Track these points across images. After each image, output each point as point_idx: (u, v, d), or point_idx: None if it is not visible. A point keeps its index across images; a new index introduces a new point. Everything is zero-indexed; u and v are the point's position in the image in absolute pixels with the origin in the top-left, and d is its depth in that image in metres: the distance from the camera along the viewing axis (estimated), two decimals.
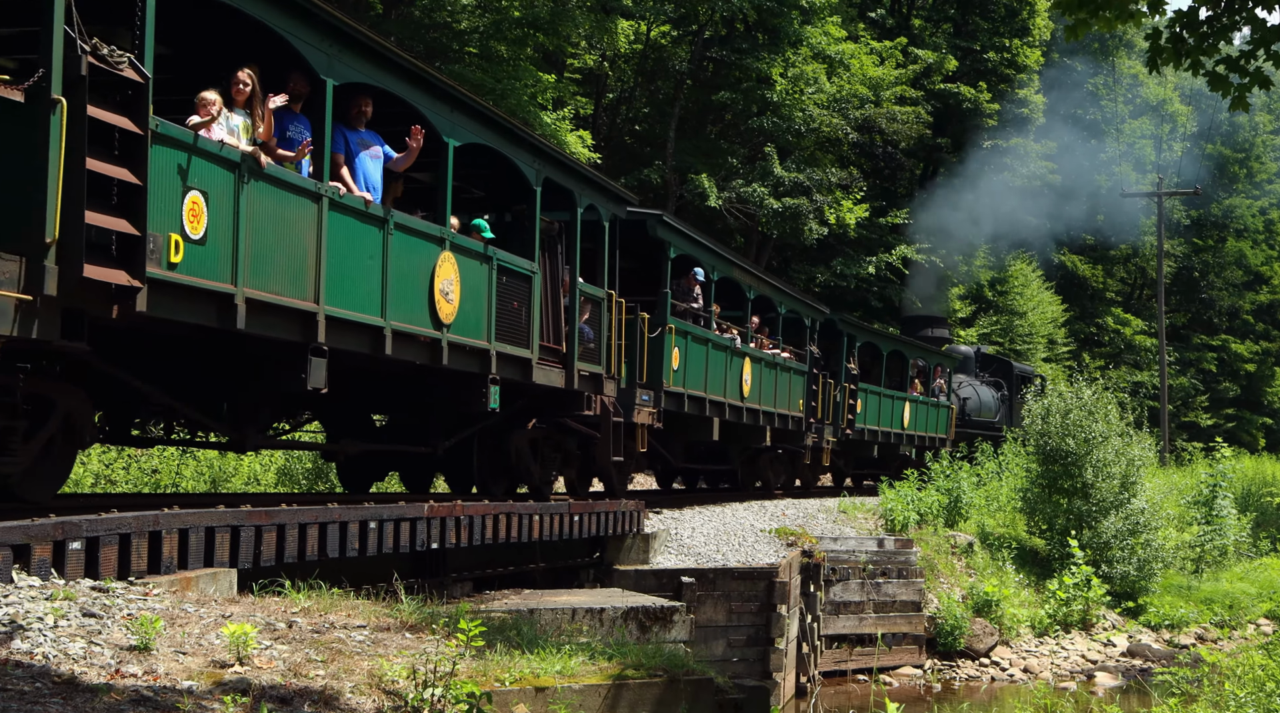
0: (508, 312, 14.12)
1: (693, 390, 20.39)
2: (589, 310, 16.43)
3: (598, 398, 16.30)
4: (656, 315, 19.08)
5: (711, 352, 21.33)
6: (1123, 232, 66.61)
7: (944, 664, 21.65)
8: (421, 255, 12.51)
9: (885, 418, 31.94)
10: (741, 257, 23.76)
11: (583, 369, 15.94)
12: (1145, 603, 24.96)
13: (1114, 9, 8.25)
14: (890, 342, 33.35)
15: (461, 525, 12.86)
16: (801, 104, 37.02)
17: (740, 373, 22.79)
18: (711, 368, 21.32)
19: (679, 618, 13.76)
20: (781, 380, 25.35)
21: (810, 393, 27.07)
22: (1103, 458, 25.32)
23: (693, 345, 20.41)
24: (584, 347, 16.03)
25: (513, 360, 14.28)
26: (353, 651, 7.76)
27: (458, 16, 30.54)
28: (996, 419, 39.83)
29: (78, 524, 8.19)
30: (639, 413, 17.99)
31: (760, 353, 24.02)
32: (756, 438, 24.73)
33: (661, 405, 18.90)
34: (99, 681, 6.28)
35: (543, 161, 15.09)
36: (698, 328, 20.75)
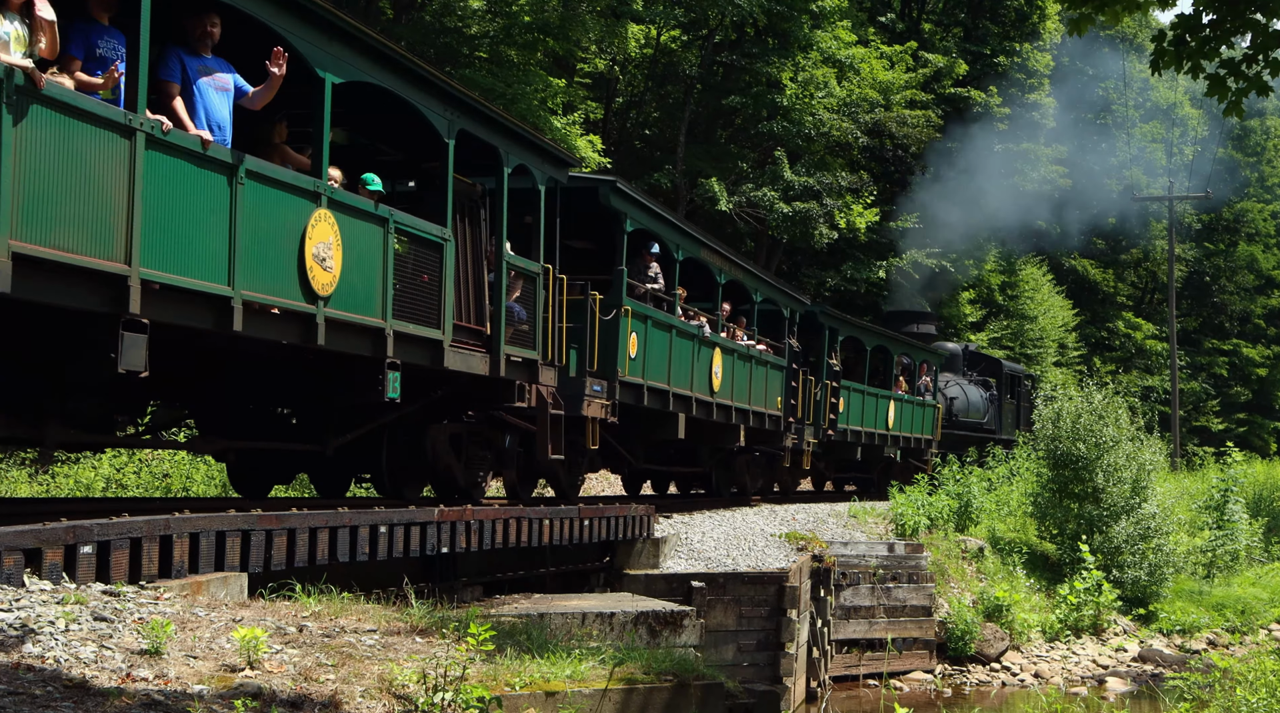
0: (413, 285, 12.16)
1: (654, 382, 18.43)
2: (521, 287, 14.54)
3: (533, 387, 14.38)
4: (610, 296, 16.99)
5: (676, 339, 19.27)
6: (1134, 236, 66.52)
7: (954, 669, 21.61)
8: (287, 213, 10.37)
9: (869, 418, 30.02)
10: (711, 236, 21.64)
11: (513, 354, 14.04)
12: (1157, 608, 24.90)
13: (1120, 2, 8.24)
14: (875, 336, 31.35)
15: (472, 530, 12.86)
16: (811, 108, 37.02)
17: (710, 365, 20.83)
18: (676, 358, 19.29)
19: (689, 623, 13.75)
20: (757, 375, 23.41)
21: (789, 390, 25.12)
22: (1114, 463, 25.27)
23: (654, 331, 18.35)
24: (514, 329, 14.11)
25: (418, 342, 12.31)
26: (363, 655, 7.76)
27: (468, 21, 30.61)
28: (985, 420, 38.32)
29: (89, 528, 8.20)
30: (589, 405, 15.99)
31: (733, 344, 22.14)
32: (729, 438, 22.42)
33: (616, 397, 16.85)
34: (110, 684, 6.29)
35: (456, 111, 12.95)
36: (660, 312, 18.69)
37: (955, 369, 38.08)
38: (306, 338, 10.74)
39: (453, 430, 14.38)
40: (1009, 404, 39.77)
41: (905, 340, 33.48)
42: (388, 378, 11.73)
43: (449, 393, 13.75)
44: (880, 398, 30.53)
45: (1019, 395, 40.74)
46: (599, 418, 16.42)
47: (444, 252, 12.72)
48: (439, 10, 30.93)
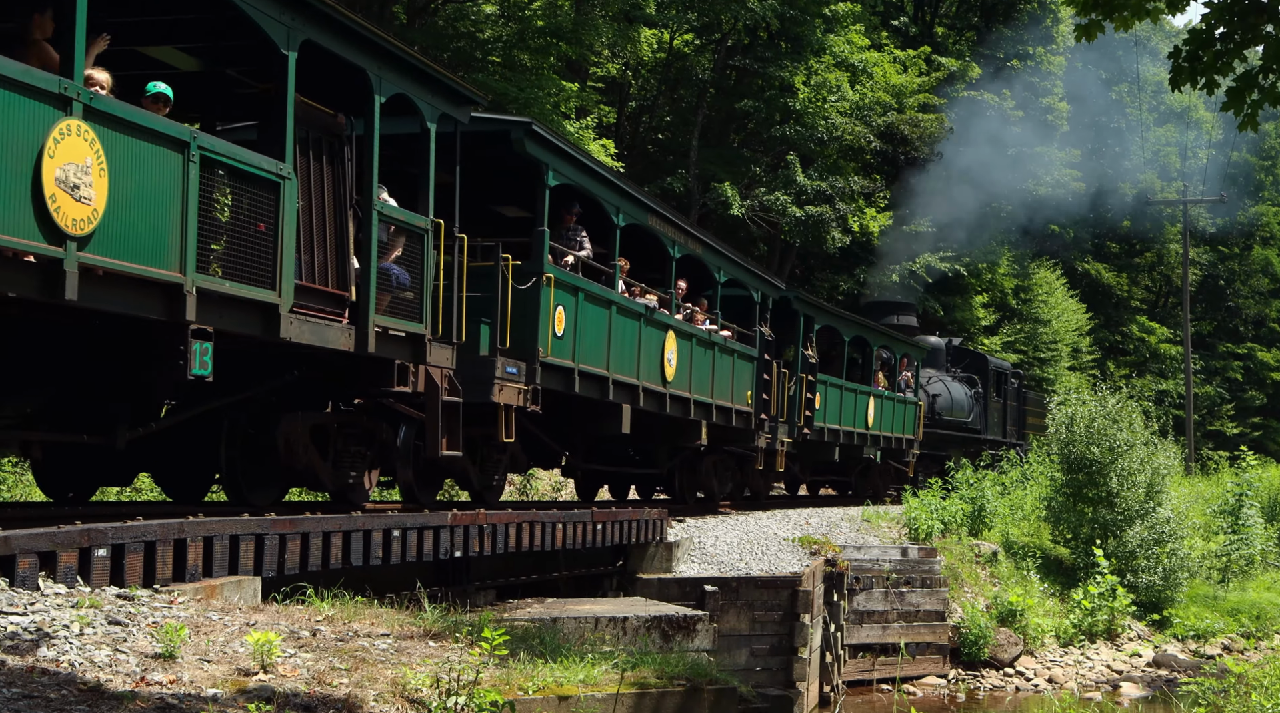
0: (235, 233, 9.65)
1: (588, 366, 15.78)
2: (403, 247, 12.04)
3: (420, 369, 12.03)
4: (529, 262, 14.36)
5: (617, 318, 16.60)
6: (1148, 239, 66.38)
7: (968, 674, 21.56)
8: (14, 121, 7.81)
9: (848, 416, 27.58)
10: (662, 203, 19.15)
11: (389, 327, 11.68)
12: (1171, 613, 24.82)
13: (1130, 8, 8.22)
14: (853, 327, 28.86)
15: (485, 534, 12.86)
16: (824, 112, 37.00)
17: (660, 350, 18.16)
18: (617, 339, 16.61)
19: (702, 627, 13.74)
20: (722, 365, 20.77)
21: (761, 384, 22.44)
22: (1128, 467, 25.20)
23: (587, 307, 15.72)
24: (392, 296, 11.74)
25: (241, 306, 9.82)
26: (376, 659, 7.77)
27: (481, 26, 30.65)
28: (970, 419, 35.99)
29: (103, 532, 8.22)
30: (500, 390, 13.47)
31: (691, 327, 19.50)
32: (689, 436, 19.81)
33: (537, 382, 14.35)
34: (124, 688, 6.30)
35: (301, 17, 10.36)
36: (595, 285, 16.08)
37: (938, 364, 35.96)
38: (47, 291, 8.17)
39: (316, 421, 12.09)
40: (995, 403, 38.04)
41: (886, 332, 31.17)
42: (192, 350, 9.19)
43: (309, 375, 11.67)
44: (859, 394, 28.39)
45: (1005, 393, 39.09)
46: (515, 406, 13.86)
47: (281, 193, 10.11)
48: (452, 15, 30.99)
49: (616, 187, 16.69)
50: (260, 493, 11.87)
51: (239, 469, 11.60)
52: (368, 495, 13.08)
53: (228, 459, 11.52)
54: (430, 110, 12.39)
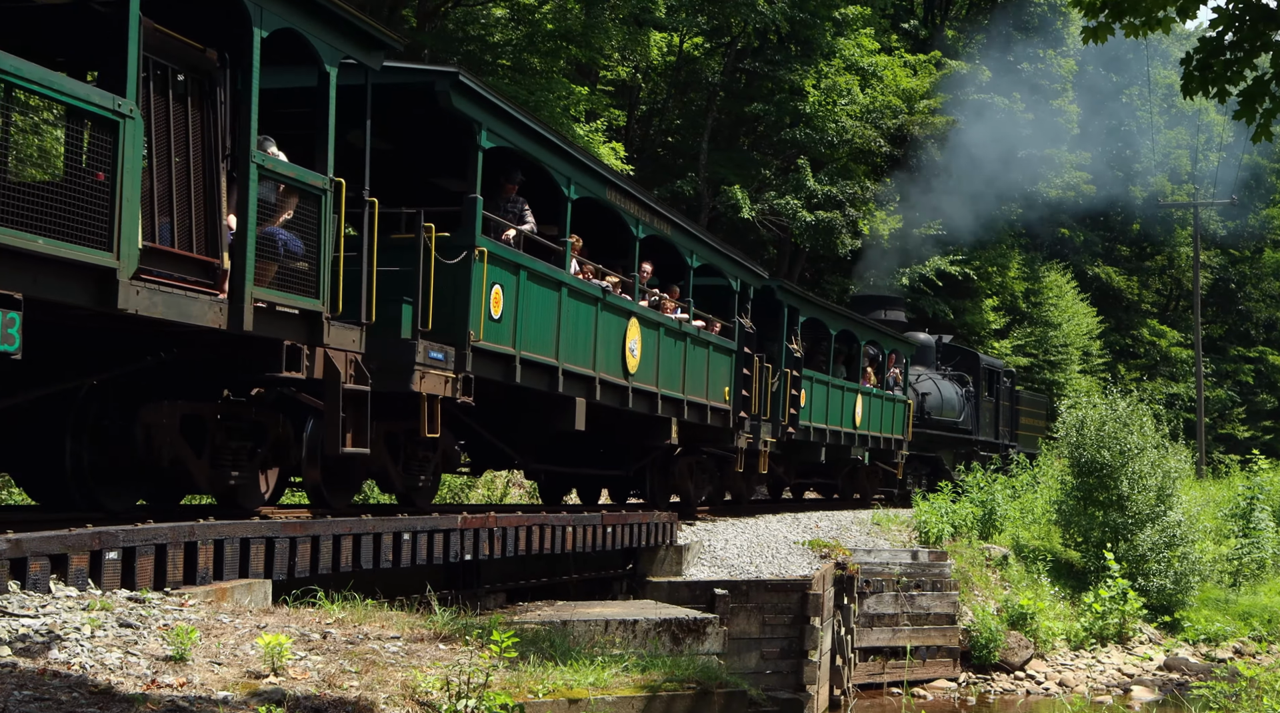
0: (69, 183, 8.08)
1: (532, 353, 14.02)
2: (294, 208, 10.24)
3: (317, 352, 10.42)
4: (459, 234, 12.68)
5: (568, 301, 14.83)
6: (1158, 242, 66.24)
7: (979, 678, 21.53)
8: None
9: (835, 414, 25.92)
10: (623, 176, 17.48)
11: (276, 302, 9.87)
12: (1182, 617, 24.76)
13: (1140, 14, 8.20)
14: (841, 320, 27.19)
15: (495, 537, 12.88)
16: (834, 116, 36.98)
17: (621, 338, 16.39)
18: (568, 325, 14.87)
19: (712, 630, 13.73)
20: (695, 358, 19.02)
21: (741, 379, 20.70)
22: (1138, 470, 25.15)
23: (531, 287, 13.99)
24: (280, 266, 10.01)
25: (63, 268, 8.04)
26: (386, 662, 7.77)
27: (491, 29, 30.68)
28: (960, 419, 34.37)
29: (114, 535, 8.24)
30: (422, 378, 11.93)
31: (657, 315, 17.69)
32: (657, 434, 18.15)
33: (468, 369, 12.68)
34: (135, 691, 6.31)
35: None
36: (541, 263, 14.30)
37: (927, 362, 34.54)
38: None
39: (188, 411, 10.43)
40: (987, 402, 36.43)
41: (875, 326, 29.64)
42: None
43: (183, 357, 10.03)
44: (847, 392, 26.78)
45: (998, 393, 37.45)
46: (441, 397, 12.23)
47: (120, 136, 8.34)
48: (462, 18, 31.01)
49: (568, 154, 14.74)
50: (116, 495, 10.18)
51: (86, 466, 9.85)
52: (262, 498, 11.44)
53: (73, 453, 9.75)
54: (329, 52, 10.56)
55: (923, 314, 43.91)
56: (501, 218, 13.89)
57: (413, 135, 14.26)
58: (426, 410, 12.05)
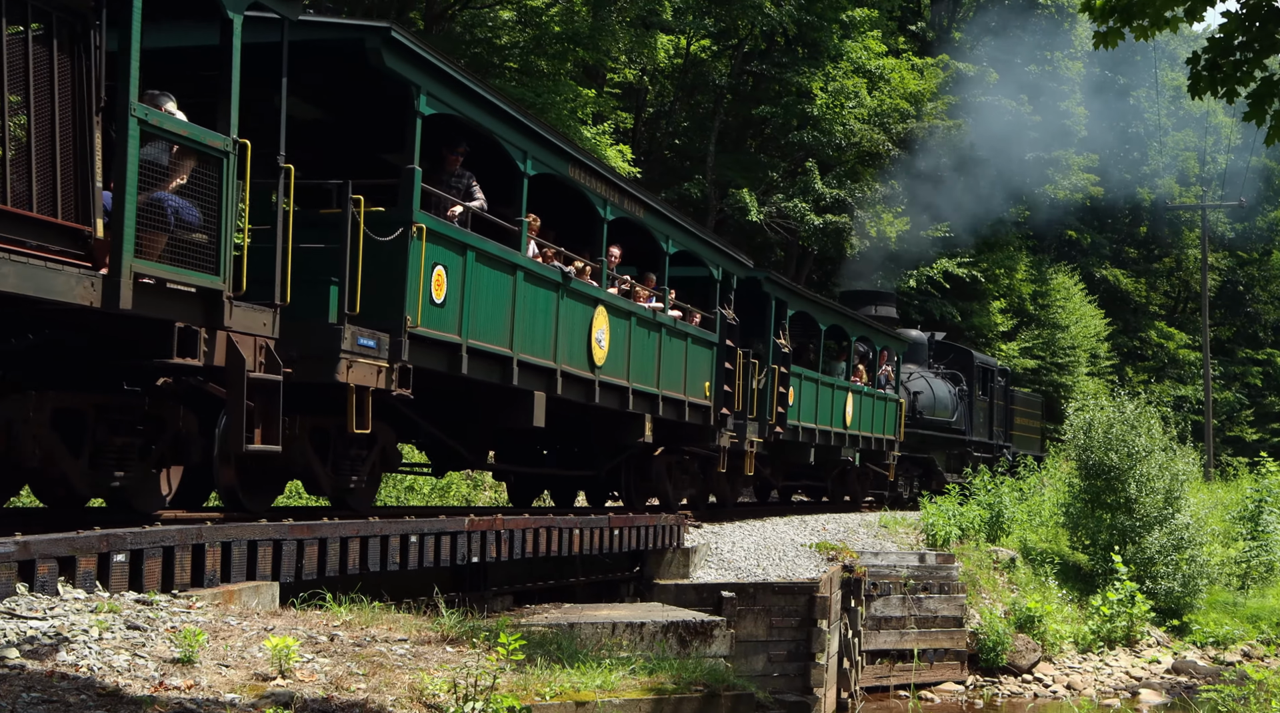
0: None
1: (481, 342, 12.76)
2: (189, 172, 8.97)
3: (217, 336, 9.21)
4: (395, 209, 11.46)
5: (524, 286, 13.59)
6: (1166, 245, 66.17)
7: (986, 680, 21.51)
8: None
9: (824, 413, 24.72)
10: (588, 152, 15.81)
11: (166, 277, 8.61)
12: (1190, 620, 24.73)
13: (1149, 17, 8.19)
14: (831, 315, 25.91)
15: (502, 540, 12.87)
16: (842, 118, 36.97)
17: (587, 328, 15.19)
18: (525, 312, 13.64)
19: (719, 633, 13.73)
20: (672, 351, 17.75)
21: (723, 374, 19.42)
22: (1146, 473, 25.13)
23: (480, 270, 12.73)
24: (171, 237, 8.73)
25: None
26: (394, 664, 7.78)
27: (498, 32, 30.71)
28: (953, 419, 33.30)
29: (122, 537, 8.25)
30: (350, 367, 10.75)
31: (628, 303, 16.53)
32: (628, 432, 16.94)
33: (405, 358, 11.46)
34: (142, 693, 6.32)
35: None
36: (492, 243, 12.99)
37: (919, 359, 33.43)
38: None
39: (62, 403, 9.29)
40: (981, 402, 35.41)
41: (866, 322, 28.45)
42: None
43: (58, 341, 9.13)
44: (837, 389, 25.61)
45: (992, 392, 36.40)
46: (373, 388, 11.10)
47: None
48: (469, 21, 31.04)
49: (522, 125, 13.34)
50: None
51: None
52: (163, 501, 10.26)
53: None
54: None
55: (930, 316, 43.89)
56: (445, 193, 12.61)
57: (351, 103, 13.05)
58: (355, 403, 10.89)
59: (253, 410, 9.44)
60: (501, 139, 13.07)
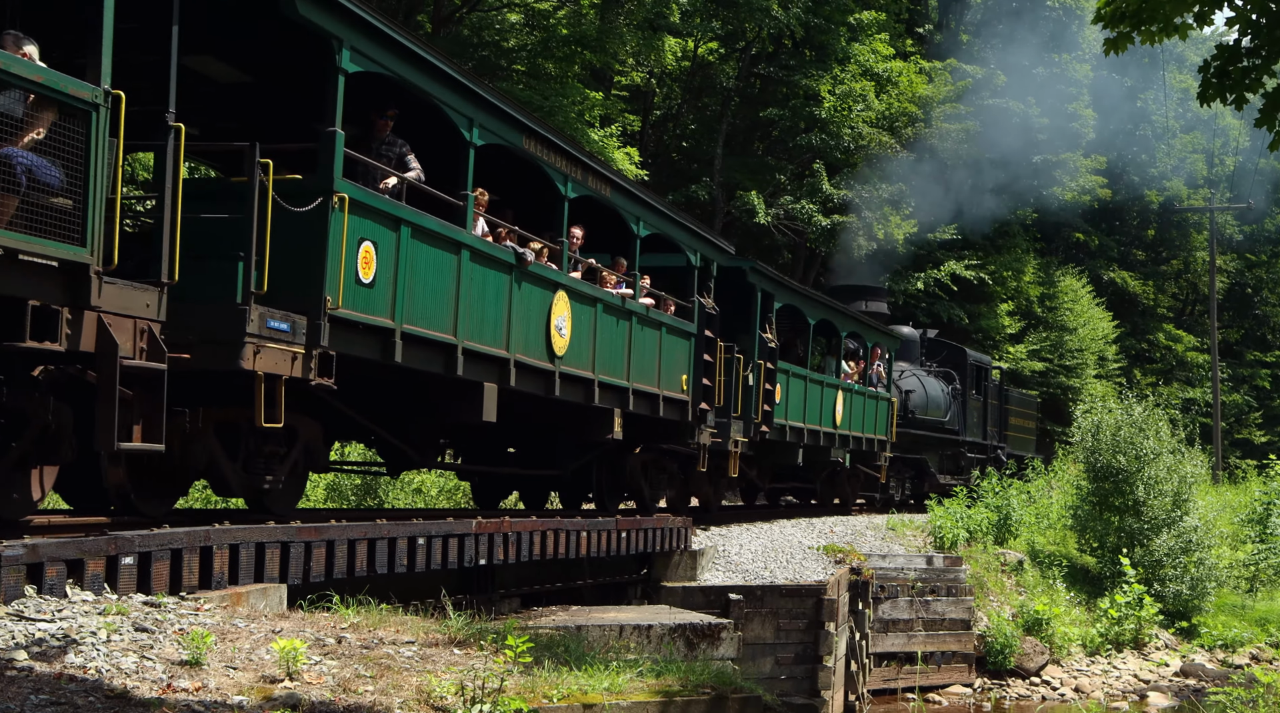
0: None
1: (418, 327, 11.56)
2: (47, 126, 7.77)
3: (86, 317, 8.09)
4: (313, 177, 10.20)
5: (470, 266, 12.36)
6: (1174, 247, 66.09)
7: (994, 683, 21.48)
8: None
9: (813, 412, 23.52)
10: (545, 122, 14.22)
11: (12, 247, 7.47)
12: (1199, 623, 24.69)
13: (1159, 22, 8.18)
14: (821, 308, 24.67)
15: (509, 542, 12.87)
16: (850, 121, 36.95)
17: (545, 314, 13.94)
18: (472, 295, 12.45)
19: (727, 635, 13.73)
20: (644, 341, 16.51)
21: (702, 367, 18.17)
22: (1154, 475, 25.09)
23: (417, 247, 11.52)
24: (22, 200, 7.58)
25: None
26: (401, 666, 7.78)
27: (506, 35, 30.73)
28: (946, 419, 32.24)
29: (130, 539, 8.26)
30: (257, 353, 9.50)
31: (594, 289, 15.35)
32: (594, 428, 15.73)
33: (324, 342, 10.22)
34: (151, 695, 6.33)
35: None
36: (431, 219, 11.76)
37: (911, 357, 32.41)
38: None
39: None
40: (974, 401, 34.29)
41: (857, 317, 27.33)
42: None
43: None
44: (826, 387, 24.41)
45: (986, 391, 35.24)
46: (286, 376, 9.85)
47: None
48: (477, 24, 31.07)
49: (466, 89, 12.05)
50: None
51: None
52: (32, 505, 8.94)
53: None
54: None
55: (937, 318, 43.88)
56: (375, 161, 11.45)
57: (275, 65, 11.88)
58: (264, 393, 9.63)
59: (132, 403, 8.37)
60: (443, 104, 11.82)
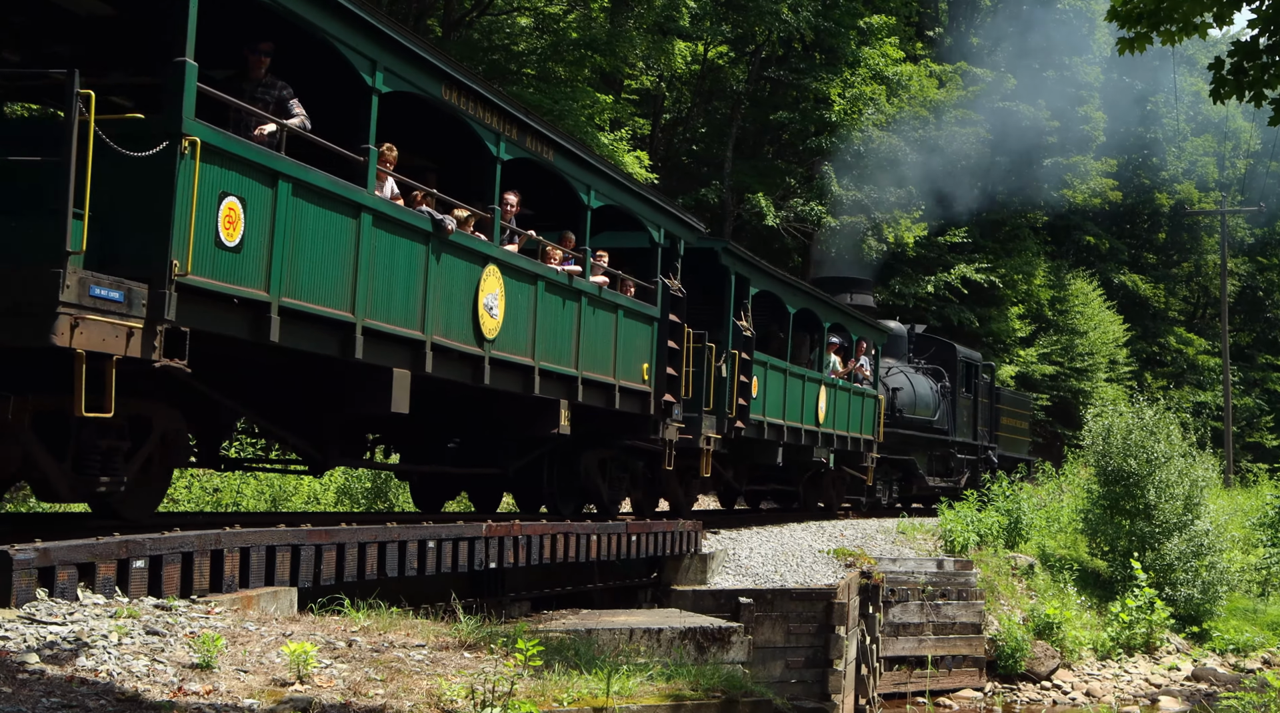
0: None
1: (302, 301, 9.71)
2: None
3: None
4: (157, 118, 8.47)
5: (373, 232, 10.48)
6: (1185, 250, 66.00)
7: (1004, 687, 21.44)
8: None
9: (794, 408, 21.87)
10: (470, 72, 12.07)
11: None
12: (1210, 627, 24.64)
13: (1177, 22, 8.15)
14: (801, 297, 22.74)
15: (519, 545, 12.87)
16: (860, 124, 36.95)
17: (473, 291, 12.12)
18: (378, 266, 10.60)
19: (737, 639, 13.72)
20: (596, 324, 14.68)
21: (666, 356, 16.34)
22: (1165, 479, 25.05)
23: (301, 208, 9.62)
24: None
25: None
26: (412, 670, 7.78)
27: (516, 39, 30.76)
28: (935, 418, 30.70)
29: (141, 543, 8.27)
30: (76, 327, 7.76)
31: (534, 265, 13.45)
32: (538, 421, 13.90)
33: (170, 316, 8.43)
34: (162, 698, 6.34)
35: None
36: (320, 174, 9.81)
37: (899, 353, 30.76)
38: None
39: None
40: (964, 399, 32.70)
41: (841, 309, 25.56)
42: None
43: None
44: (808, 381, 22.71)
45: (976, 389, 33.58)
46: (118, 355, 8.12)
47: None
48: (487, 27, 31.11)
49: (369, 26, 10.23)
50: None
51: None
52: None
53: None
54: None
55: (948, 322, 43.85)
56: (249, 104, 9.73)
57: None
58: (86, 375, 7.88)
59: None
60: (337, 42, 9.96)
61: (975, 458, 33.74)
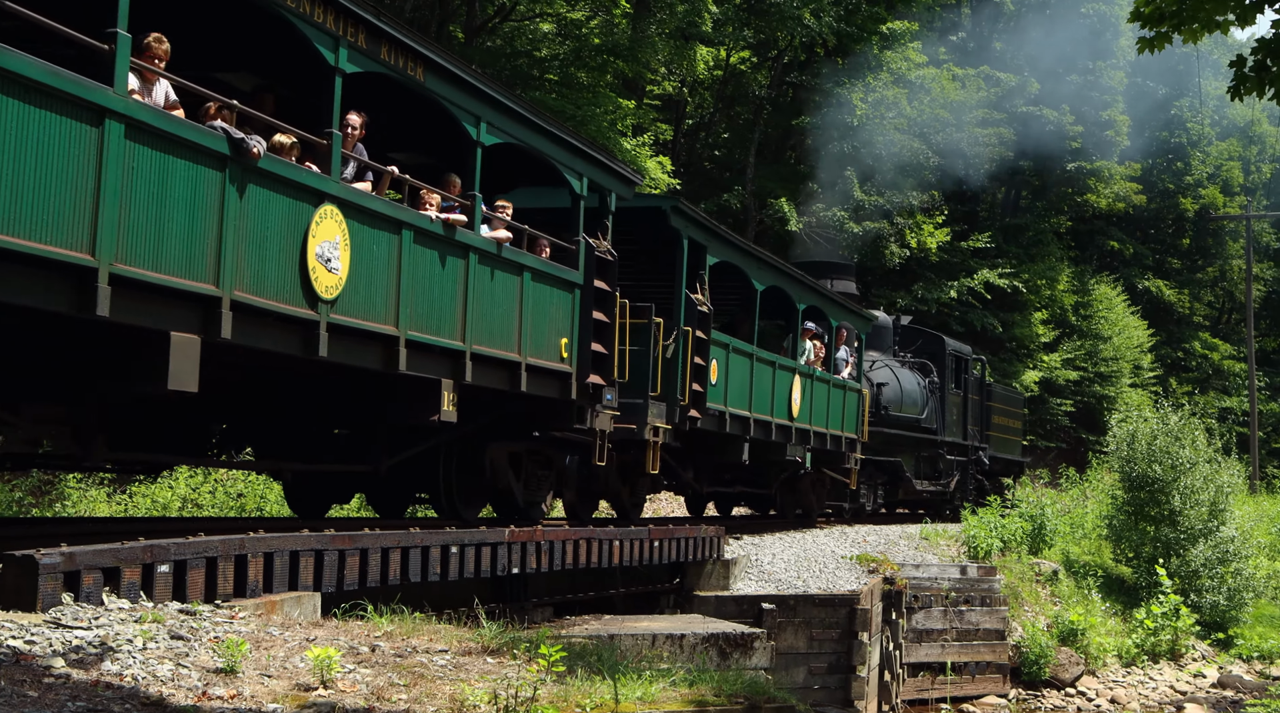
0: None
1: (21, 241, 7.26)
2: None
3: None
4: None
5: (121, 147, 7.91)
6: (1210, 255, 65.70)
7: (1029, 694, 21.36)
8: None
9: (761, 398, 19.16)
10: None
11: None
12: (1236, 633, 24.51)
13: (1200, 21, 8.11)
14: (771, 272, 19.65)
15: (542, 551, 12.89)
16: (882, 129, 36.90)
17: (300, 238, 9.57)
18: (132, 198, 8.05)
19: (760, 645, 13.70)
20: (495, 289, 12.27)
21: (592, 329, 13.90)
22: (1190, 485, 24.94)
23: (22, 112, 7.23)
24: None
25: None
26: (435, 675, 7.79)
27: (538, 45, 30.82)
28: (923, 416, 28.33)
29: (166, 548, 8.31)
30: None
31: (397, 209, 10.84)
32: (410, 407, 11.56)
33: None
34: (186, 703, 6.36)
35: None
36: (32, 64, 7.26)
37: (884, 346, 28.34)
38: None
39: None
40: (954, 396, 30.25)
41: (818, 290, 22.45)
42: None
43: None
44: (779, 369, 19.90)
45: (966, 385, 31.16)
46: None
47: None
48: (510, 34, 31.18)
49: None
50: None
51: None
52: None
53: None
54: None
55: (971, 327, 43.72)
56: None
57: None
58: None
59: None
60: None
61: (965, 459, 31.46)
